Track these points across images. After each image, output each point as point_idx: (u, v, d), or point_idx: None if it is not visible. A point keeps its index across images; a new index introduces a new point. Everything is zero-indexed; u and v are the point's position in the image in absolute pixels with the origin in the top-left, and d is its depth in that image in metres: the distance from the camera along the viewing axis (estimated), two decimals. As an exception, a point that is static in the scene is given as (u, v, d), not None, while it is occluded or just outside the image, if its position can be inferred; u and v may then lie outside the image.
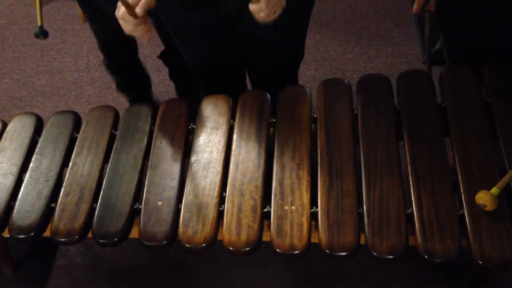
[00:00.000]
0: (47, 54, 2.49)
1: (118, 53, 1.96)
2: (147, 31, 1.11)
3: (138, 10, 1.07)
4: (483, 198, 1.06)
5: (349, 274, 1.56)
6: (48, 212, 1.23)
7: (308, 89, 1.34)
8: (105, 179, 1.26)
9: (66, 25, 2.63)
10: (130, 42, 1.95)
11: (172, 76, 2.14)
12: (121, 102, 2.17)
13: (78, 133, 1.37)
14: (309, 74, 2.20)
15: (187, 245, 1.13)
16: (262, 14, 1.06)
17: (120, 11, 1.09)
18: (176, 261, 1.70)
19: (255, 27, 1.29)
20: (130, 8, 1.07)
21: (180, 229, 1.14)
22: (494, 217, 1.06)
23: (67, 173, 1.29)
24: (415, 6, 1.45)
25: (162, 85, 2.26)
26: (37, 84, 2.39)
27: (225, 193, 1.18)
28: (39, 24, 2.26)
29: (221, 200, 1.18)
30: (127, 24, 1.09)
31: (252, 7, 1.06)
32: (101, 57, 2.02)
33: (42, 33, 2.25)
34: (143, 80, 2.10)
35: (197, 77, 1.55)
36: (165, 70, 2.17)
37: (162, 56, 2.07)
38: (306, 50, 1.52)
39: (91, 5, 1.70)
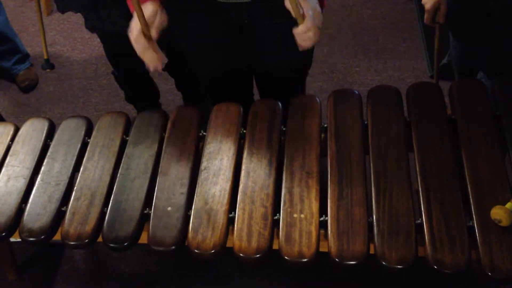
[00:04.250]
0: (56, 61, 2.51)
1: (125, 62, 1.97)
2: (156, 60, 1.13)
3: (153, 31, 1.10)
4: (499, 213, 1.06)
5: (355, 282, 1.56)
6: (58, 216, 1.24)
7: (318, 99, 1.35)
8: (115, 184, 1.27)
9: (75, 33, 2.65)
10: (135, 51, 1.97)
11: (179, 87, 2.15)
12: (128, 110, 2.19)
13: (89, 138, 1.38)
14: (316, 86, 2.22)
15: (196, 251, 1.13)
16: (310, 33, 1.04)
17: (134, 32, 1.11)
18: (181, 268, 1.70)
19: (266, 36, 1.30)
20: (147, 28, 1.09)
21: (190, 235, 1.15)
22: (504, 229, 1.06)
23: (78, 177, 1.30)
24: (425, 16, 1.48)
25: (170, 94, 2.28)
26: (45, 90, 2.40)
27: (235, 200, 1.19)
28: (45, 57, 2.39)
29: (231, 207, 1.18)
30: (138, 45, 1.12)
31: (298, 29, 1.05)
32: (110, 65, 2.04)
33: (49, 66, 2.47)
34: (151, 91, 2.11)
35: (205, 88, 1.57)
36: (172, 79, 2.19)
37: (167, 68, 2.08)
38: (313, 62, 1.53)
39: (96, 18, 1.71)
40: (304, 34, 1.05)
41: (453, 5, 1.44)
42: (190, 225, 1.16)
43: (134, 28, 1.12)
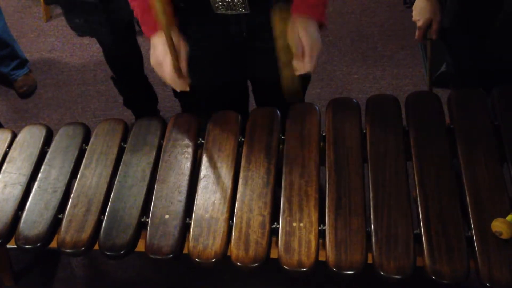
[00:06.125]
0: (54, 67, 2.51)
1: (124, 66, 1.97)
2: (185, 86, 1.18)
3: (183, 66, 1.15)
4: (500, 226, 1.05)
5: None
6: (55, 223, 1.23)
7: (317, 107, 1.35)
8: (113, 191, 1.26)
9: (73, 38, 2.65)
10: (135, 56, 1.97)
11: (176, 95, 2.15)
12: (126, 116, 2.19)
13: (87, 145, 1.38)
14: (315, 93, 2.22)
15: (197, 260, 1.13)
16: (307, 68, 1.13)
17: (166, 70, 1.14)
18: (178, 276, 1.69)
19: (265, 48, 1.30)
20: (177, 61, 1.13)
21: (190, 244, 1.14)
22: (504, 240, 1.06)
23: (75, 184, 1.29)
24: (416, 33, 1.48)
25: (168, 100, 2.28)
26: (44, 96, 2.40)
27: (234, 208, 1.18)
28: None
29: (231, 215, 1.18)
30: (173, 82, 1.16)
31: (296, 64, 1.13)
32: (109, 71, 2.04)
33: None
34: (149, 96, 2.11)
35: (202, 99, 1.56)
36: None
37: None
38: (312, 69, 1.53)
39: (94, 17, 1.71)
40: (299, 69, 1.14)
41: (450, 25, 1.44)
42: (191, 233, 1.16)
43: (165, 67, 1.14)
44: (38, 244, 1.20)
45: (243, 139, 1.31)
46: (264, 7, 1.20)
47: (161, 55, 1.15)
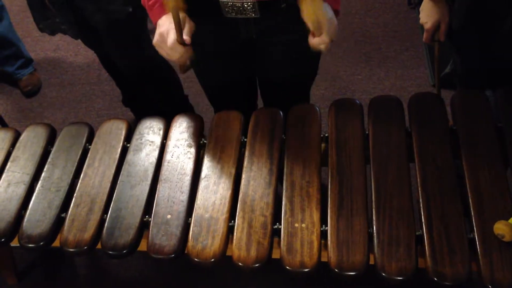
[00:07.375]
0: (59, 67, 2.52)
1: (114, 67, 1.97)
2: (190, 57, 1.17)
3: (186, 37, 1.13)
4: (503, 228, 1.05)
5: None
6: (58, 222, 1.24)
7: (317, 108, 1.35)
8: (115, 191, 1.26)
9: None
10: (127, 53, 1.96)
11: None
12: (130, 116, 2.19)
13: (90, 144, 1.38)
14: (319, 94, 2.22)
15: (196, 259, 1.13)
16: (323, 46, 1.12)
17: (169, 40, 1.13)
18: (180, 276, 1.69)
19: (274, 51, 1.31)
20: (181, 36, 1.12)
21: (190, 243, 1.15)
22: (506, 242, 1.06)
23: (78, 184, 1.30)
24: (424, 35, 1.47)
25: (171, 100, 2.28)
26: (48, 96, 2.41)
27: (235, 208, 1.18)
28: None
29: (231, 215, 1.18)
30: (175, 53, 1.14)
31: (313, 41, 1.12)
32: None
33: None
34: (146, 97, 2.11)
35: (210, 99, 1.57)
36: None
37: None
38: (316, 70, 1.53)
39: (81, 20, 1.71)
40: (317, 45, 1.12)
41: (459, 25, 1.43)
42: (190, 233, 1.16)
43: (169, 38, 1.13)
44: (41, 243, 1.21)
45: (245, 139, 1.31)
46: (274, 11, 1.21)
47: (165, 31, 1.15)
